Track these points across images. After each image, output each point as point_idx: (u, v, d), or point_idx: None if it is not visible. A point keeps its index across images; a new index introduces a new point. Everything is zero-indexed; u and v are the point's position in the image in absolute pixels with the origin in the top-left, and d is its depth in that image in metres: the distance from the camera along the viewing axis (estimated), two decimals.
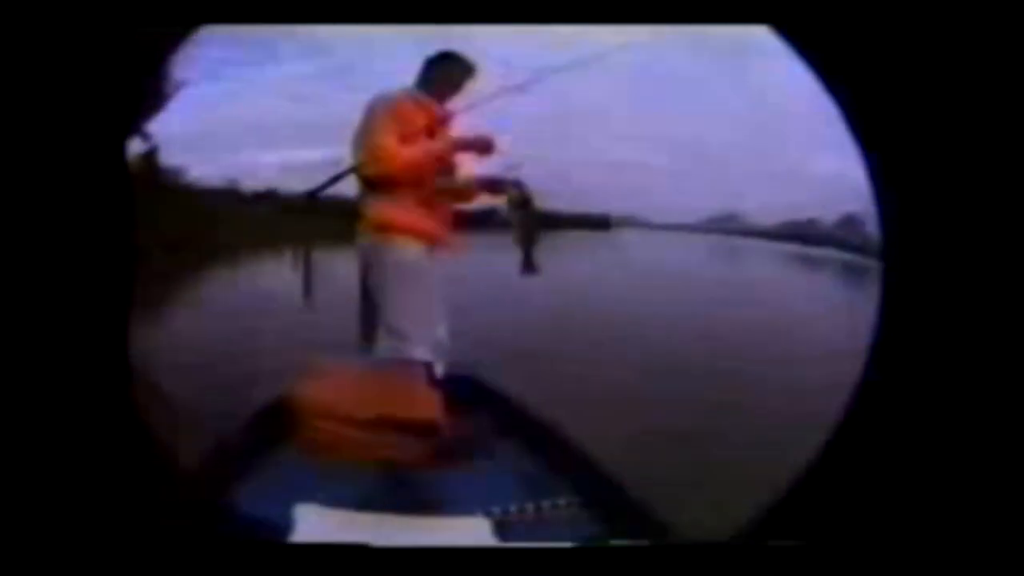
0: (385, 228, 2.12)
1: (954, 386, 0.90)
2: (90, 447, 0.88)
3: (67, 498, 0.86)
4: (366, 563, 0.87)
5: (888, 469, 0.94)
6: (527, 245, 2.13)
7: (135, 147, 11.79)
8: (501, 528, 1.37)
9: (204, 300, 8.01)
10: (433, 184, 2.16)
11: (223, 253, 12.20)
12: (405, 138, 2.07)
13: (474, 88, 2.26)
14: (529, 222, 2.13)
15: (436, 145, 2.18)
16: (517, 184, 2.14)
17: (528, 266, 2.14)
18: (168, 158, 14.28)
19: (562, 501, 1.49)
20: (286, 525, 1.24)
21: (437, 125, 2.19)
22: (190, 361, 3.95)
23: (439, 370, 2.06)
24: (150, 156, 13.29)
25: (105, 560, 0.84)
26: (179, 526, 0.95)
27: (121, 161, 0.95)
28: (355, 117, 2.18)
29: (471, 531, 1.34)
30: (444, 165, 2.22)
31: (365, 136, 2.12)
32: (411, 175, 2.10)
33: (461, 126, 2.28)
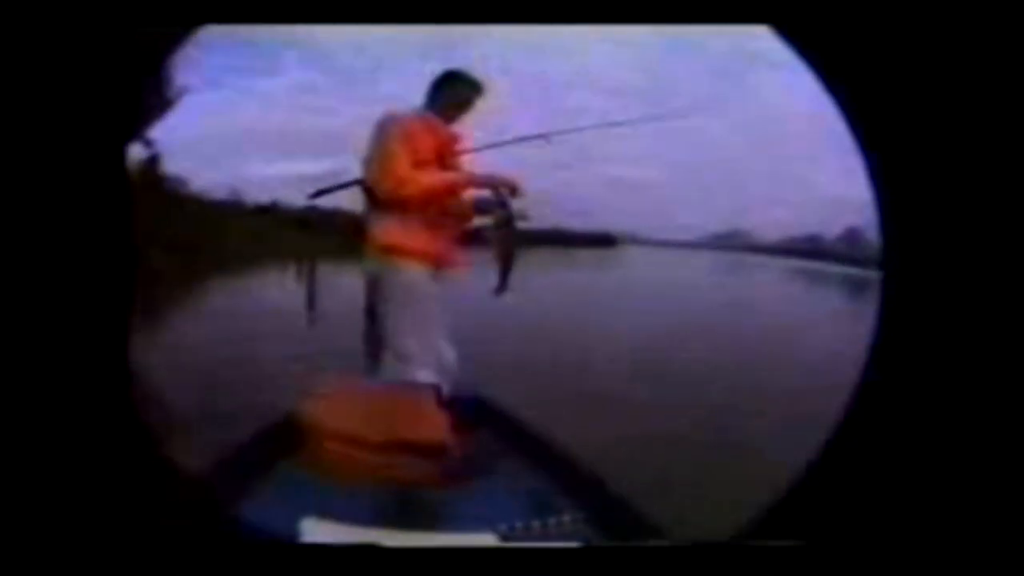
0: (391, 251, 2.13)
1: (955, 385, 0.89)
2: (90, 449, 0.88)
3: (67, 500, 0.86)
4: (367, 563, 0.87)
5: (888, 469, 0.93)
6: (504, 265, 2.16)
7: (137, 152, 11.86)
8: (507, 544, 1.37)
9: (205, 306, 8.03)
10: (442, 207, 2.18)
11: (226, 260, 12.24)
12: (417, 162, 2.08)
13: (484, 106, 2.27)
14: (509, 242, 2.15)
15: (456, 177, 2.20)
16: (503, 204, 2.16)
17: (502, 286, 2.16)
18: (170, 164, 14.42)
19: (567, 517, 1.48)
20: (291, 539, 1.24)
21: (447, 147, 2.20)
22: (189, 364, 3.96)
23: (445, 390, 2.06)
24: (152, 162, 13.39)
25: (105, 562, 0.84)
26: (180, 527, 0.94)
27: (120, 160, 0.95)
28: (359, 129, 2.20)
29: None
30: (458, 196, 2.25)
31: (378, 157, 2.12)
32: (426, 202, 2.12)
33: (479, 160, 2.31)
